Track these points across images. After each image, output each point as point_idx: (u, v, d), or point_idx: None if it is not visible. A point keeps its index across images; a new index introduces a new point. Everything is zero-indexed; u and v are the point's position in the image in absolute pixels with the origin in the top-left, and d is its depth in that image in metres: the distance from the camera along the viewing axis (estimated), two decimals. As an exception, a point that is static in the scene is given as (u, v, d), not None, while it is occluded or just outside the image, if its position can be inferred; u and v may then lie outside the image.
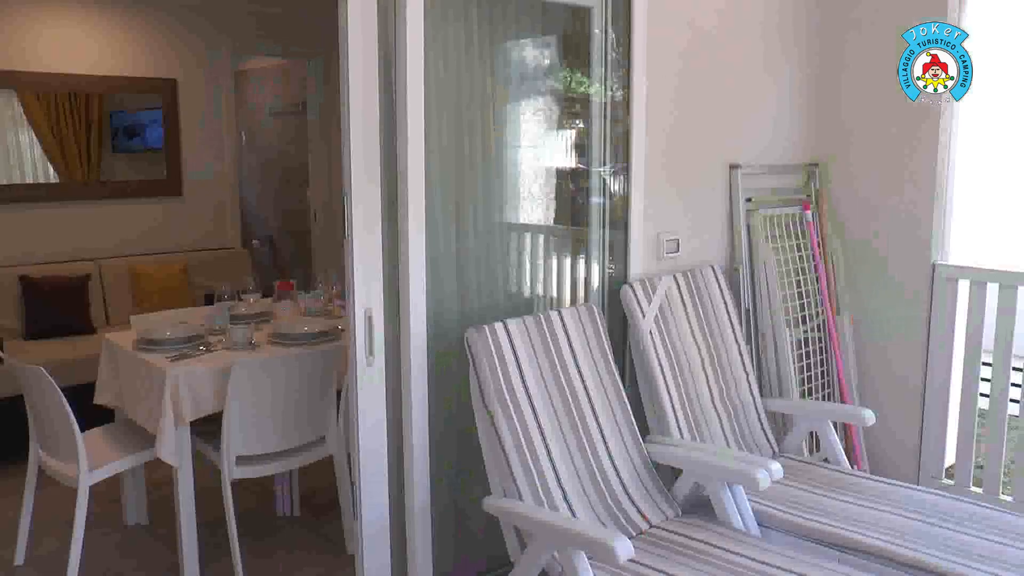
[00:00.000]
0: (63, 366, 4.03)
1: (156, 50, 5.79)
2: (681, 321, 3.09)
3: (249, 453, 3.22)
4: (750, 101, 3.49)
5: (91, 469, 3.11)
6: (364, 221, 2.40)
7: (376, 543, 2.56)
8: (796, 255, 3.65)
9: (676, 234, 3.26)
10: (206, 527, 3.31)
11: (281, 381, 3.21)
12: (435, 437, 2.58)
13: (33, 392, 3.24)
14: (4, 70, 5.20)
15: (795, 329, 3.59)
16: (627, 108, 3.02)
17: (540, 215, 3.10)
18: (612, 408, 2.73)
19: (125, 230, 5.76)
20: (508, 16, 2.80)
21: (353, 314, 2.42)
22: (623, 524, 2.57)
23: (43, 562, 3.42)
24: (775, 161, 3.65)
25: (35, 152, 5.55)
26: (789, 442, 3.27)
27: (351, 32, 2.33)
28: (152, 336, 3.44)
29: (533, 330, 2.60)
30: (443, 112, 2.58)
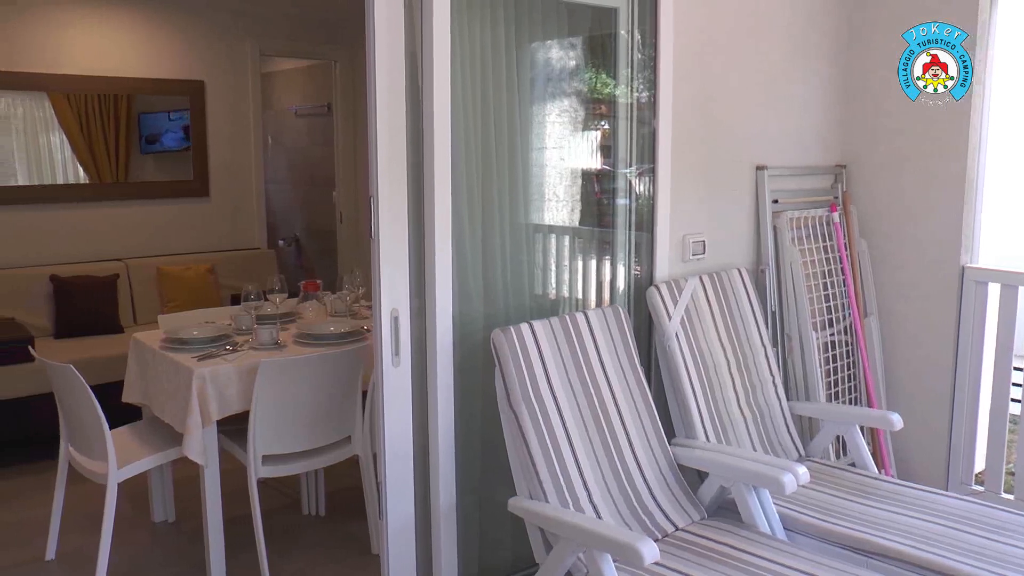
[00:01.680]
0: (92, 365, 4.08)
1: (184, 52, 5.85)
2: (707, 323, 3.07)
3: (275, 452, 3.24)
4: (777, 102, 3.47)
5: (119, 467, 3.14)
6: (390, 222, 2.41)
7: (401, 543, 2.56)
8: (823, 257, 3.62)
9: (702, 236, 3.24)
10: (232, 525, 3.33)
11: (307, 381, 3.22)
12: (460, 438, 2.58)
13: (63, 390, 3.28)
14: (35, 73, 5.27)
15: (821, 332, 3.57)
16: (653, 109, 3.01)
17: (565, 216, 3.09)
18: (638, 410, 2.72)
19: (153, 230, 5.82)
20: (534, 17, 2.80)
21: (379, 315, 2.42)
22: (648, 527, 2.56)
23: (73, 557, 3.46)
24: (802, 162, 3.63)
25: (65, 153, 5.62)
26: (815, 446, 3.25)
27: (378, 33, 2.33)
28: (179, 335, 3.48)
29: (559, 331, 2.60)
30: (469, 113, 2.59)
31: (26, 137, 5.49)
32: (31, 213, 5.36)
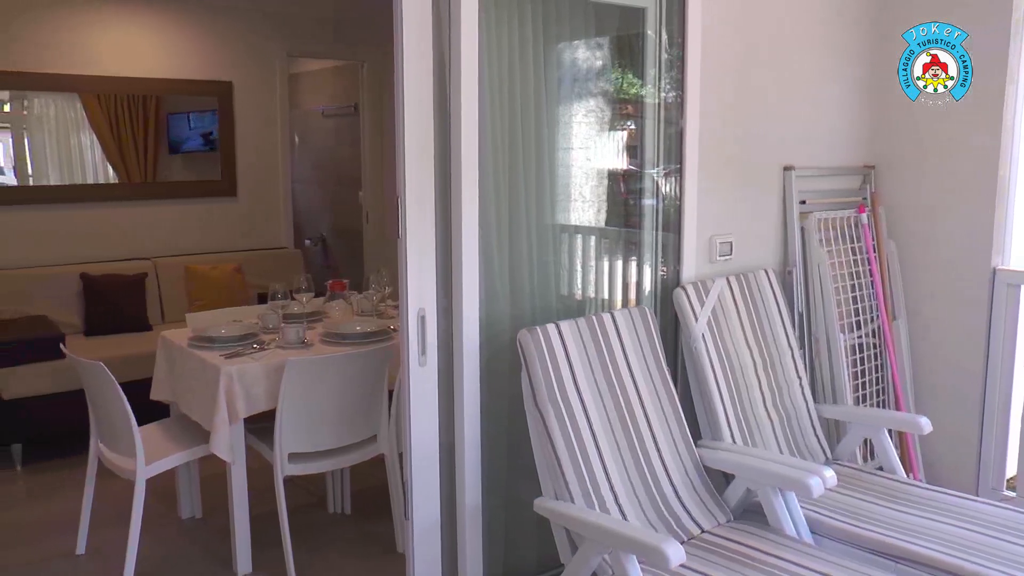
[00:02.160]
0: (120, 362, 4.12)
1: (212, 53, 5.90)
2: (734, 324, 3.06)
3: (301, 450, 3.26)
4: (805, 102, 3.45)
5: (148, 463, 3.17)
6: (417, 222, 2.42)
7: (426, 542, 2.57)
8: (851, 259, 3.60)
9: (729, 236, 3.23)
10: (258, 522, 3.36)
11: (333, 380, 3.24)
12: (486, 438, 2.58)
13: (93, 387, 3.32)
14: (67, 74, 5.34)
15: (849, 334, 3.54)
16: (681, 109, 2.99)
17: (592, 216, 3.09)
18: (664, 411, 2.71)
19: (181, 230, 5.88)
20: (561, 17, 2.80)
21: (406, 314, 2.43)
22: (674, 529, 2.56)
23: (103, 552, 3.50)
24: (830, 163, 3.60)
25: (96, 154, 5.69)
26: (842, 449, 3.22)
27: (406, 34, 2.34)
28: (207, 334, 3.51)
29: (585, 332, 2.59)
30: (496, 113, 2.59)
31: (57, 137, 5.57)
32: (62, 212, 5.44)
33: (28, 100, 5.45)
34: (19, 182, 5.43)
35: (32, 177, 5.49)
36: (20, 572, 3.42)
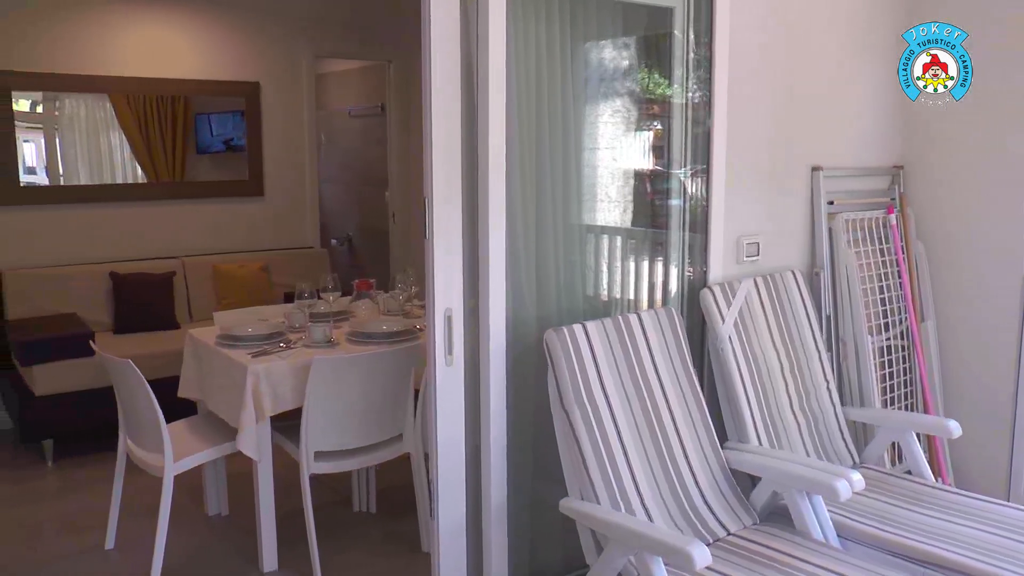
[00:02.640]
0: (149, 360, 4.15)
1: (240, 54, 5.94)
2: (760, 326, 3.04)
3: (327, 449, 3.28)
4: (833, 102, 3.42)
5: (175, 460, 3.20)
6: (444, 222, 2.42)
7: (452, 542, 2.58)
8: (879, 260, 3.56)
9: (756, 237, 3.21)
10: (284, 519, 3.39)
11: (359, 379, 3.25)
12: (512, 438, 2.58)
13: (122, 384, 3.35)
14: (97, 75, 5.39)
15: (877, 336, 3.50)
16: (708, 109, 2.98)
17: (618, 217, 3.08)
18: (690, 413, 2.70)
19: (208, 229, 5.92)
20: (589, 17, 2.80)
21: (433, 314, 2.44)
22: (700, 531, 2.55)
23: (131, 547, 3.54)
24: (858, 163, 3.57)
25: (124, 153, 5.75)
26: (870, 452, 3.19)
27: (434, 34, 2.35)
28: (234, 332, 3.53)
29: (612, 333, 2.59)
30: (523, 113, 2.59)
31: (87, 138, 5.64)
32: (92, 212, 5.49)
33: (59, 101, 5.52)
34: (50, 182, 5.50)
35: (63, 177, 5.56)
36: (51, 565, 3.47)
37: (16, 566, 3.47)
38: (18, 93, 5.19)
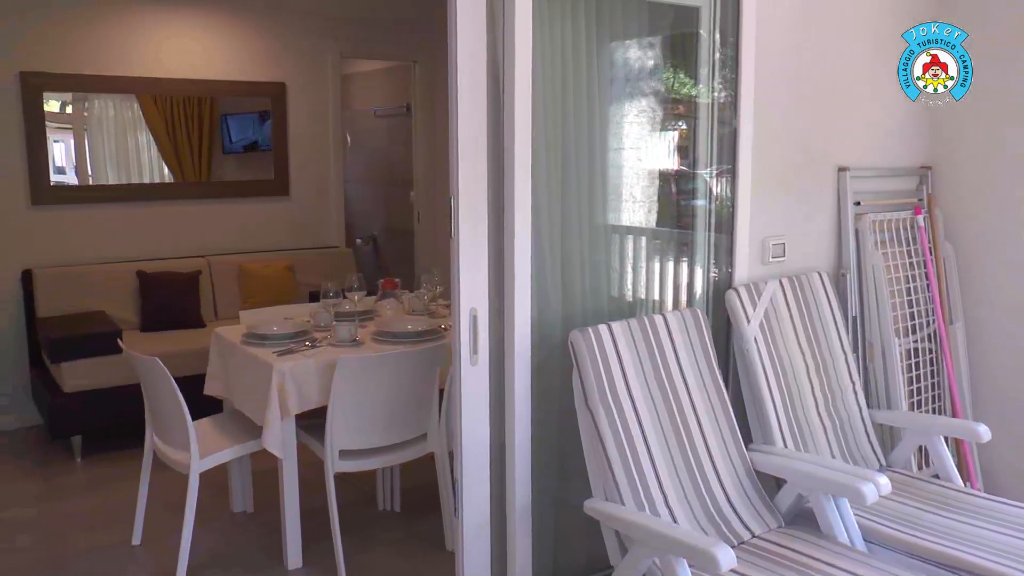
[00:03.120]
0: (175, 357, 4.17)
1: (266, 55, 5.98)
2: (786, 328, 3.03)
3: (352, 447, 3.29)
4: (861, 102, 3.39)
5: (201, 457, 3.22)
6: (470, 222, 2.43)
7: (476, 541, 2.58)
8: (906, 261, 3.53)
9: (782, 238, 3.19)
10: (308, 517, 3.41)
11: (384, 378, 3.27)
12: (536, 438, 2.58)
13: (149, 382, 3.39)
14: (125, 76, 5.45)
15: (904, 338, 3.47)
16: (734, 109, 2.97)
17: (643, 217, 3.08)
18: (715, 414, 2.69)
19: (234, 229, 5.97)
20: (615, 17, 2.79)
21: (458, 314, 2.44)
22: (724, 533, 2.54)
23: (157, 543, 3.58)
24: (886, 163, 3.54)
25: (152, 153, 5.80)
26: (896, 456, 3.17)
27: (460, 34, 2.35)
28: (260, 331, 3.55)
29: (637, 333, 2.58)
30: (549, 113, 2.59)
31: (116, 138, 5.70)
32: (119, 211, 5.55)
33: (88, 102, 5.59)
34: (79, 182, 5.57)
35: (91, 177, 5.63)
36: (79, 560, 3.51)
37: (45, 560, 3.52)
38: (49, 94, 5.25)
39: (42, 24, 5.14)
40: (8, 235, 5.13)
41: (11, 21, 5.04)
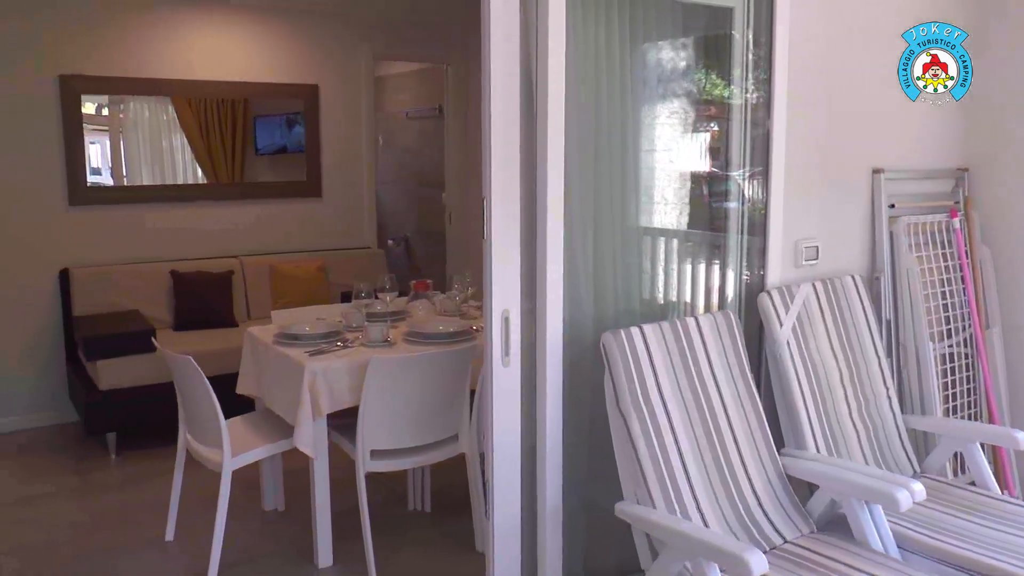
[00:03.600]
0: (207, 356, 4.22)
1: (299, 57, 6.03)
2: (819, 331, 3.00)
3: (383, 447, 3.31)
4: (895, 102, 3.35)
5: (233, 455, 3.25)
6: (502, 223, 2.43)
7: (507, 543, 2.58)
8: (942, 265, 3.49)
9: (815, 241, 3.17)
10: (339, 516, 3.43)
11: (416, 378, 3.28)
12: (568, 440, 2.58)
13: (182, 380, 3.42)
14: (160, 78, 5.52)
15: (939, 343, 3.43)
16: (767, 111, 2.95)
17: (675, 219, 3.06)
18: (747, 418, 2.68)
19: (267, 229, 6.02)
20: (648, 18, 2.78)
21: (490, 315, 2.45)
22: (756, 538, 2.52)
23: (190, 539, 3.62)
24: (921, 165, 3.50)
25: (186, 155, 5.87)
26: (931, 462, 3.12)
27: (493, 36, 2.35)
28: (292, 331, 3.57)
29: (669, 336, 2.57)
30: (582, 115, 2.59)
31: (150, 140, 5.78)
32: (154, 211, 5.62)
33: (124, 104, 5.67)
34: (115, 182, 5.65)
35: (126, 177, 5.71)
36: (114, 555, 3.56)
37: (81, 554, 3.57)
38: (86, 96, 5.33)
39: (80, 28, 5.22)
40: (47, 235, 5.21)
41: (51, 26, 5.12)
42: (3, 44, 4.98)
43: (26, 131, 5.10)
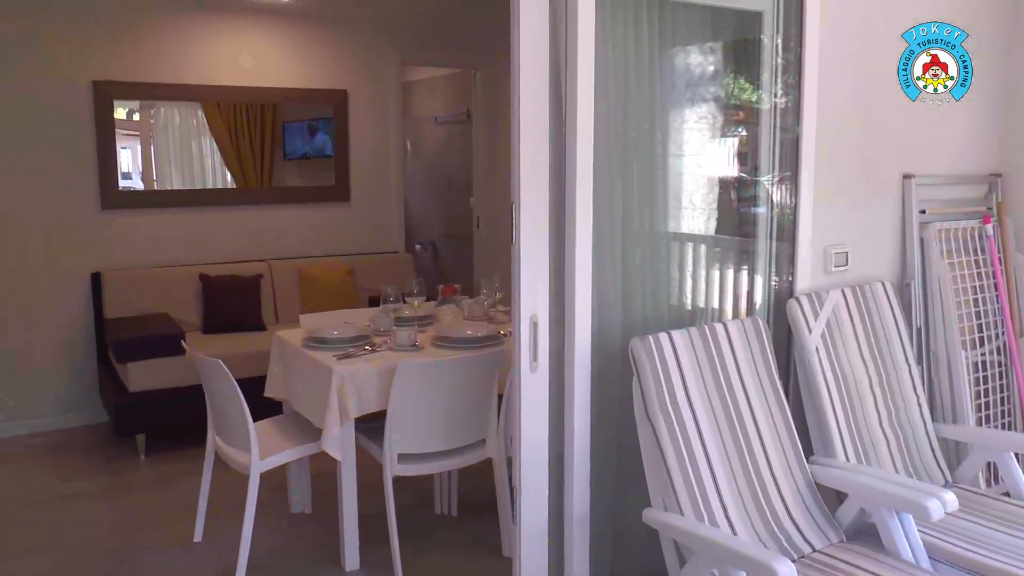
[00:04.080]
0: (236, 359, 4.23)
1: (328, 63, 6.08)
2: (848, 338, 2.97)
3: (410, 451, 3.32)
4: (927, 108, 3.31)
5: (261, 458, 3.28)
6: (531, 228, 2.43)
7: (534, 548, 2.57)
8: (974, 272, 3.44)
9: (845, 247, 3.14)
10: (366, 519, 3.44)
11: (443, 383, 3.29)
12: (595, 445, 2.57)
13: (211, 382, 3.45)
14: (191, 84, 5.59)
15: (971, 351, 3.39)
16: (797, 115, 2.93)
17: (703, 224, 3.05)
18: (776, 426, 2.66)
19: (295, 233, 6.06)
20: (677, 23, 2.77)
21: (518, 320, 2.45)
22: (784, 546, 2.50)
23: (218, 540, 3.65)
24: (953, 171, 3.46)
25: (215, 159, 5.93)
26: (963, 472, 3.08)
27: (523, 42, 2.35)
28: (320, 335, 3.59)
29: (698, 342, 2.56)
30: (610, 120, 2.58)
31: (180, 144, 5.84)
32: (183, 215, 5.69)
33: (155, 109, 5.74)
34: (145, 186, 5.72)
35: (157, 182, 5.78)
36: (142, 555, 3.60)
37: (109, 555, 3.61)
38: (118, 102, 5.40)
39: (113, 34, 5.30)
40: (80, 238, 5.29)
41: (85, 33, 5.20)
42: (38, 50, 5.07)
43: (60, 136, 5.18)
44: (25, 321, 5.16)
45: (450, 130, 7.61)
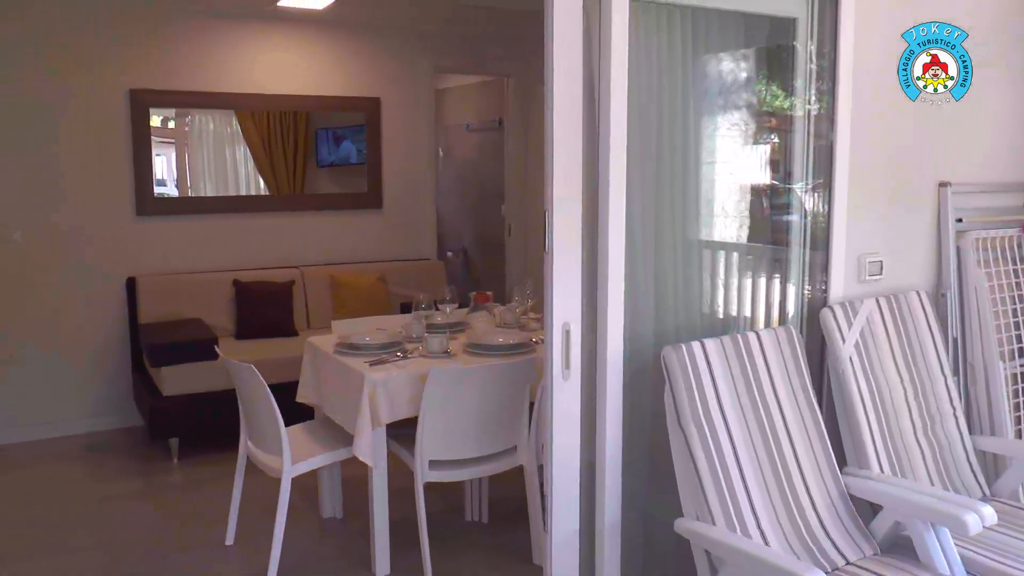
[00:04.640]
0: (268, 365, 4.27)
1: (361, 71, 6.12)
2: (883, 348, 2.94)
3: (442, 458, 3.32)
4: (963, 115, 3.28)
5: (293, 463, 3.30)
6: (564, 236, 2.43)
7: (565, 557, 2.57)
8: (1012, 281, 3.39)
9: (879, 255, 3.11)
10: (396, 525, 3.45)
11: (475, 390, 3.29)
12: (627, 453, 2.57)
13: (244, 387, 3.48)
14: (225, 92, 5.65)
15: (1010, 362, 3.34)
16: (831, 122, 2.91)
17: (735, 232, 3.04)
18: (809, 436, 2.63)
19: (327, 240, 6.11)
20: (711, 30, 2.77)
21: (551, 328, 2.45)
22: (818, 558, 2.47)
23: (249, 543, 3.68)
24: (990, 179, 3.41)
25: (249, 167, 5.99)
26: (1002, 485, 3.03)
27: (556, 49, 2.35)
28: (352, 341, 3.60)
29: (730, 351, 2.55)
30: (643, 128, 2.58)
31: (214, 152, 5.92)
32: (217, 222, 5.75)
33: (189, 117, 5.81)
34: (179, 193, 5.79)
35: (191, 189, 5.85)
36: (176, 557, 3.64)
37: (145, 555, 3.65)
38: (154, 110, 5.48)
39: (149, 43, 5.38)
40: (116, 244, 5.37)
41: (122, 41, 5.29)
42: (77, 59, 5.16)
43: (97, 143, 5.26)
44: (62, 326, 5.25)
45: (482, 137, 7.64)
